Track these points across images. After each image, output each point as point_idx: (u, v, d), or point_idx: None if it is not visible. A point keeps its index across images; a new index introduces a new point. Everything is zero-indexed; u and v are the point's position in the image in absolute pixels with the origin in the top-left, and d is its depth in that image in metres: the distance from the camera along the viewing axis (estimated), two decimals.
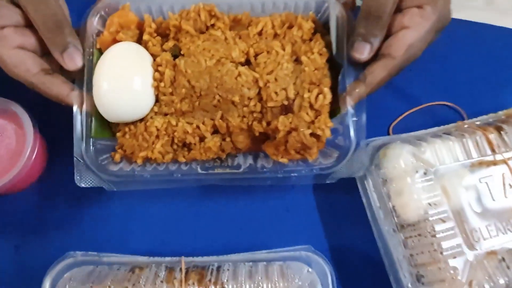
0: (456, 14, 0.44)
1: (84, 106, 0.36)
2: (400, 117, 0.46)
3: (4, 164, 0.40)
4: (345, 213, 0.41)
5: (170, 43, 0.39)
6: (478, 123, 0.40)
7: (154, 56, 0.38)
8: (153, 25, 0.39)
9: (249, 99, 0.37)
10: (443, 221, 0.35)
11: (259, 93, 0.37)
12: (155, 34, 0.40)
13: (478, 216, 0.35)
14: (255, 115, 0.38)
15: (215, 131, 0.38)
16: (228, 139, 0.38)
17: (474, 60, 0.49)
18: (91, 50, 0.38)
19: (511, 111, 0.41)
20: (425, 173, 0.36)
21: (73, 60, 0.36)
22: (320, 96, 0.36)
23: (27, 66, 0.36)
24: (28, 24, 0.36)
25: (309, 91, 0.37)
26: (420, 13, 0.35)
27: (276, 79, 0.37)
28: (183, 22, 0.38)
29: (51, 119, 0.44)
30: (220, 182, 0.39)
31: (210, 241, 0.41)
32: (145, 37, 0.39)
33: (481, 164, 0.37)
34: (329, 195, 0.42)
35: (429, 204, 0.35)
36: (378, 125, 0.46)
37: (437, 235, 0.34)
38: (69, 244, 0.41)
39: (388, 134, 0.46)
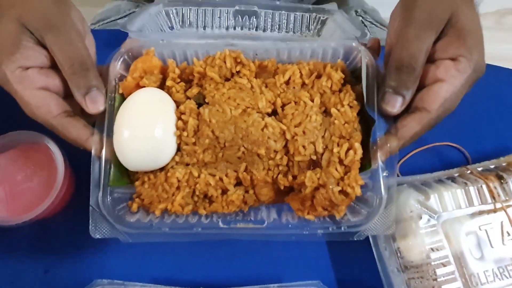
0: None
1: (103, 153, 0.35)
2: (407, 156, 0.49)
3: (36, 195, 0.43)
4: (353, 250, 0.44)
5: (194, 90, 0.38)
6: (480, 169, 0.43)
7: (177, 103, 0.38)
8: (177, 71, 0.39)
9: (275, 152, 0.36)
10: (444, 265, 0.38)
11: (285, 146, 0.36)
12: (179, 80, 0.39)
13: (477, 262, 0.38)
14: (280, 168, 0.36)
15: (238, 183, 0.37)
16: (251, 191, 0.37)
17: (479, 102, 0.52)
18: (113, 94, 0.38)
19: None
20: (428, 220, 0.39)
21: (95, 104, 0.36)
22: (351, 152, 0.35)
23: (49, 108, 0.35)
24: (53, 65, 0.37)
25: (338, 145, 0.35)
26: (455, 66, 0.34)
27: (304, 132, 0.36)
28: (208, 69, 0.38)
29: (78, 150, 0.47)
30: (243, 237, 0.38)
31: (225, 272, 0.43)
32: (169, 83, 0.38)
33: (482, 212, 0.40)
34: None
35: (432, 249, 0.38)
36: (386, 163, 0.49)
37: (438, 279, 0.37)
38: (95, 270, 0.44)
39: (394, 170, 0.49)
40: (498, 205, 0.40)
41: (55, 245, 0.46)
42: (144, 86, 0.38)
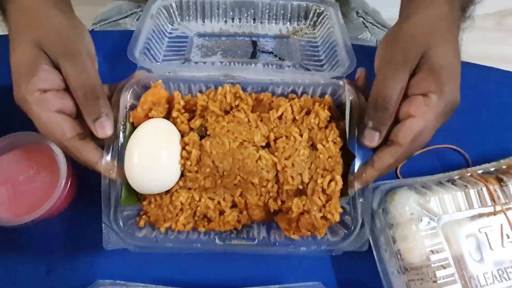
0: (467, 34, 0.46)
1: (114, 176, 0.39)
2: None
3: (39, 196, 0.43)
4: (354, 252, 0.44)
5: (197, 122, 0.42)
6: (480, 171, 0.43)
7: (182, 133, 0.42)
8: (182, 102, 0.43)
9: (267, 180, 0.40)
10: (444, 267, 0.38)
11: (276, 175, 0.41)
12: (183, 110, 0.43)
13: (477, 264, 0.38)
14: (271, 194, 0.41)
15: (234, 205, 0.41)
16: (245, 212, 0.41)
17: (480, 105, 0.52)
18: (124, 122, 0.41)
19: None
20: (429, 222, 0.39)
21: (104, 129, 0.39)
22: (332, 183, 0.40)
23: (63, 131, 0.38)
24: (67, 87, 0.39)
25: (322, 176, 0.40)
26: (425, 102, 0.36)
27: (293, 164, 0.40)
28: (210, 103, 0.42)
29: None
30: (236, 251, 0.42)
31: (226, 273, 0.44)
32: (174, 113, 0.42)
33: (482, 214, 0.40)
34: None
35: (432, 251, 0.38)
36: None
37: (438, 281, 0.37)
38: (97, 270, 0.44)
39: (396, 174, 0.49)
40: (498, 208, 0.40)
41: (58, 246, 0.46)
42: (153, 117, 0.42)
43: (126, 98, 0.42)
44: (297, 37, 0.54)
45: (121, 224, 0.40)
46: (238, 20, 0.56)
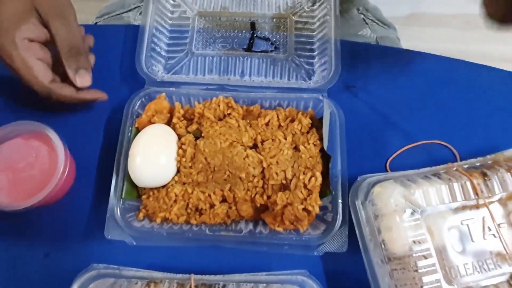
0: (469, 33, 0.45)
1: (120, 172, 0.45)
2: (397, 153, 0.50)
3: (38, 183, 0.45)
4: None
5: (194, 126, 0.47)
6: (466, 166, 0.44)
7: (179, 136, 0.47)
8: (181, 111, 0.49)
9: (254, 176, 0.44)
10: (426, 257, 0.39)
11: (262, 172, 0.45)
12: (182, 118, 0.49)
13: (458, 255, 0.39)
14: (257, 189, 0.44)
15: (223, 200, 0.45)
16: (233, 207, 0.44)
17: (470, 102, 0.53)
18: (130, 128, 0.47)
19: (498, 156, 0.45)
20: (412, 213, 0.40)
21: (83, 79, 0.45)
22: (313, 179, 0.44)
23: (46, 74, 0.43)
24: (47, 43, 0.44)
25: (304, 173, 0.44)
26: None
27: (277, 162, 0.44)
28: (205, 111, 0.47)
29: (79, 141, 0.49)
30: (224, 244, 0.44)
31: (217, 261, 0.45)
32: (174, 120, 0.48)
33: (465, 207, 0.41)
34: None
35: (414, 241, 0.39)
36: (377, 159, 0.50)
37: (419, 270, 0.38)
38: (93, 255, 0.46)
39: (386, 168, 0.50)
40: (481, 201, 0.41)
41: (56, 231, 0.48)
42: (155, 123, 0.47)
43: (135, 107, 0.48)
44: (294, 19, 0.56)
45: (121, 216, 0.44)
46: None
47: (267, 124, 0.47)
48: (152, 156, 0.44)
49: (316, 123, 0.48)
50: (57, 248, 0.47)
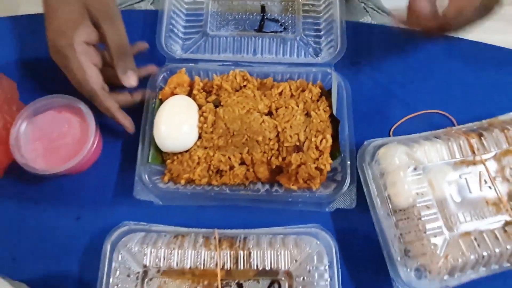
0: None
1: (146, 139, 0.48)
2: (400, 122, 0.54)
3: (71, 150, 0.49)
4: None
5: (212, 97, 0.52)
6: (464, 129, 0.48)
7: (200, 106, 0.51)
8: (201, 84, 0.52)
9: (270, 139, 0.48)
10: (428, 207, 0.43)
11: (277, 136, 0.48)
12: (202, 90, 0.52)
13: (457, 205, 0.43)
14: (273, 151, 0.48)
15: (242, 162, 0.49)
16: (251, 169, 0.48)
17: (466, 75, 0.57)
18: (154, 99, 0.51)
19: (493, 120, 0.49)
20: (415, 169, 0.44)
21: (130, 80, 0.48)
22: (323, 141, 0.48)
23: (98, 80, 0.46)
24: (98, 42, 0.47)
25: (315, 136, 0.48)
26: None
27: (291, 127, 0.48)
28: (223, 82, 0.51)
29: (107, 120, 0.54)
30: (243, 202, 0.48)
31: (237, 219, 0.49)
32: (194, 92, 0.52)
33: (463, 163, 0.45)
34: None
35: (417, 193, 0.43)
36: (381, 128, 0.54)
37: (422, 218, 0.42)
38: (122, 216, 0.49)
39: (389, 134, 0.54)
40: (478, 158, 0.45)
41: (86, 196, 0.51)
42: (177, 94, 0.51)
43: (158, 81, 0.52)
44: (301, 1, 0.60)
45: (148, 179, 0.48)
46: None
47: (280, 94, 0.51)
48: (176, 123, 0.48)
49: (325, 93, 0.52)
50: (88, 211, 0.51)
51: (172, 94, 0.52)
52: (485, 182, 0.44)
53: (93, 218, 0.50)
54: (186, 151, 0.49)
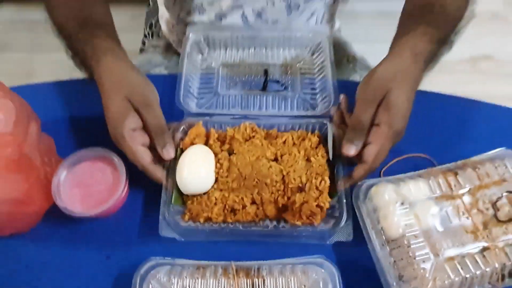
0: (446, 77, 0.59)
1: (169, 184, 0.55)
2: (388, 164, 0.62)
3: (104, 195, 0.56)
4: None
5: (226, 146, 0.59)
6: (442, 169, 0.56)
7: (215, 153, 0.58)
8: (216, 135, 0.60)
9: (276, 182, 0.56)
10: (416, 237, 0.50)
11: (283, 178, 0.56)
12: (217, 140, 0.60)
13: (440, 234, 0.50)
14: (279, 192, 0.55)
15: (253, 202, 0.55)
16: (261, 208, 0.55)
17: (444, 123, 0.66)
18: (177, 149, 0.58)
19: (467, 161, 0.57)
20: (402, 204, 0.52)
21: (169, 153, 0.56)
22: (322, 182, 0.55)
23: (145, 157, 0.55)
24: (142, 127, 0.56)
25: (315, 178, 0.55)
26: (378, 131, 0.52)
27: (294, 170, 0.56)
28: (235, 134, 0.60)
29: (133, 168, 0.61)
30: (254, 237, 0.55)
31: (250, 253, 0.55)
32: (210, 141, 0.60)
33: (442, 197, 0.53)
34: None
35: (406, 225, 0.50)
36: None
37: (411, 246, 0.49)
38: (148, 254, 0.55)
39: (380, 176, 0.62)
40: (455, 193, 0.53)
41: (115, 236, 0.58)
42: (196, 144, 0.59)
43: (179, 135, 0.60)
44: (298, 66, 0.71)
45: (171, 218, 0.54)
46: (253, 49, 0.73)
47: (284, 142, 0.59)
48: (196, 169, 0.56)
49: (322, 141, 0.61)
50: (117, 251, 0.57)
51: (192, 143, 0.59)
52: (463, 213, 0.51)
53: (121, 257, 0.56)
54: (204, 193, 0.56)
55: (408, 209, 0.52)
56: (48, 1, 0.66)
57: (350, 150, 0.53)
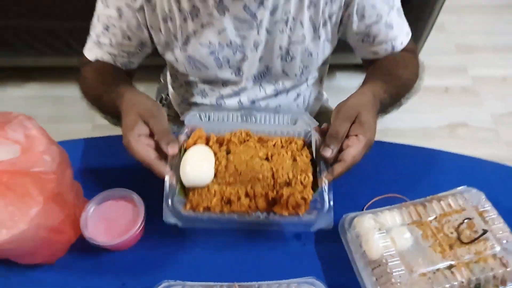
0: (428, 142, 0.69)
1: (174, 179, 0.61)
2: (370, 203, 0.72)
3: (124, 228, 0.65)
4: (335, 258, 0.64)
5: (224, 147, 0.67)
6: (413, 203, 0.66)
7: (214, 153, 0.65)
8: (215, 138, 0.68)
9: (267, 177, 0.62)
10: (392, 256, 0.58)
11: (272, 175, 0.63)
12: (216, 142, 0.68)
13: (413, 254, 0.59)
14: (269, 186, 0.62)
15: (247, 195, 0.62)
16: (253, 200, 0.62)
17: (415, 169, 0.78)
18: (181, 149, 0.65)
19: (433, 196, 0.67)
20: (380, 230, 0.61)
21: (173, 149, 0.61)
22: (306, 178, 0.62)
23: (149, 154, 0.62)
24: (151, 135, 0.65)
25: (300, 175, 0.62)
26: (356, 139, 0.62)
27: (282, 168, 0.63)
28: (232, 137, 0.67)
29: (150, 204, 0.71)
30: (247, 226, 0.62)
31: (252, 273, 0.63)
32: (210, 143, 0.67)
33: (413, 223, 0.62)
34: (327, 248, 0.66)
35: (384, 247, 0.59)
36: (357, 207, 0.72)
37: (389, 264, 0.57)
38: (161, 280, 0.63)
39: (363, 210, 0.72)
40: (424, 220, 0.62)
41: (131, 266, 0.66)
42: (197, 144, 0.66)
43: (183, 137, 0.67)
44: None
45: (173, 207, 0.60)
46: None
47: (274, 145, 0.67)
48: (197, 164, 0.62)
49: (306, 145, 0.68)
50: (132, 277, 0.64)
51: (194, 144, 0.66)
52: (431, 236, 0.61)
53: (136, 282, 0.64)
54: (204, 187, 0.62)
55: (385, 234, 0.61)
56: (81, 80, 0.82)
57: (327, 152, 0.61)
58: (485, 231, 0.60)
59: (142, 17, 0.76)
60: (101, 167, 0.78)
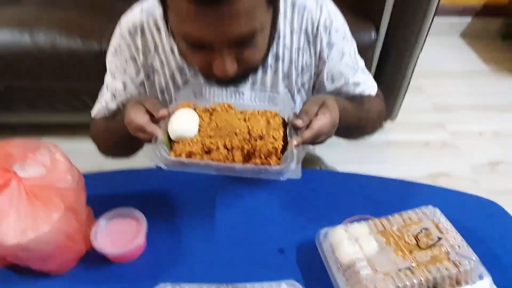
0: None
1: (162, 132, 0.69)
2: (343, 222, 0.82)
3: (129, 240, 0.75)
4: (313, 265, 0.73)
5: (208, 113, 0.76)
6: (378, 218, 0.77)
7: (199, 115, 0.74)
8: (201, 108, 0.77)
9: (243, 132, 0.71)
10: (361, 260, 0.67)
11: (249, 132, 0.72)
12: (202, 111, 0.76)
13: (378, 257, 0.68)
14: (245, 140, 0.70)
15: (225, 147, 0.70)
16: (230, 153, 0.69)
17: (384, 195, 0.89)
18: (170, 114, 0.72)
19: (396, 213, 0.78)
20: (349, 238, 0.71)
21: (163, 112, 0.71)
22: (277, 133, 0.71)
23: (144, 118, 0.72)
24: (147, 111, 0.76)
25: (272, 131, 0.71)
26: (323, 115, 0.73)
27: (258, 126, 0.72)
28: (216, 107, 0.76)
29: (152, 222, 0.81)
30: (224, 172, 0.69)
31: (239, 274, 0.70)
32: (197, 111, 0.76)
33: (378, 232, 0.72)
34: (306, 257, 0.76)
35: (353, 253, 0.69)
36: (332, 224, 0.82)
37: (357, 266, 0.66)
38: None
39: None
40: (387, 229, 0.72)
41: (134, 278, 0.74)
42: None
43: (174, 107, 0.75)
44: None
45: (161, 154, 0.67)
46: None
47: (251, 113, 0.76)
48: (183, 119, 0.72)
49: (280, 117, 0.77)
50: (133, 285, 0.72)
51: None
52: (394, 243, 0.70)
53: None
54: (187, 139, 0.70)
55: (354, 242, 0.71)
56: (91, 127, 0.98)
57: (299, 122, 0.71)
58: (440, 238, 0.70)
59: (143, 90, 0.94)
60: (110, 194, 0.89)
